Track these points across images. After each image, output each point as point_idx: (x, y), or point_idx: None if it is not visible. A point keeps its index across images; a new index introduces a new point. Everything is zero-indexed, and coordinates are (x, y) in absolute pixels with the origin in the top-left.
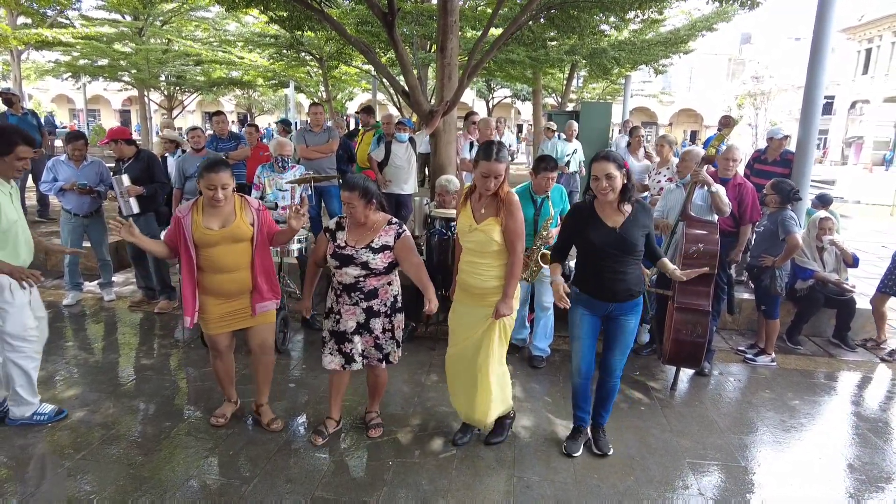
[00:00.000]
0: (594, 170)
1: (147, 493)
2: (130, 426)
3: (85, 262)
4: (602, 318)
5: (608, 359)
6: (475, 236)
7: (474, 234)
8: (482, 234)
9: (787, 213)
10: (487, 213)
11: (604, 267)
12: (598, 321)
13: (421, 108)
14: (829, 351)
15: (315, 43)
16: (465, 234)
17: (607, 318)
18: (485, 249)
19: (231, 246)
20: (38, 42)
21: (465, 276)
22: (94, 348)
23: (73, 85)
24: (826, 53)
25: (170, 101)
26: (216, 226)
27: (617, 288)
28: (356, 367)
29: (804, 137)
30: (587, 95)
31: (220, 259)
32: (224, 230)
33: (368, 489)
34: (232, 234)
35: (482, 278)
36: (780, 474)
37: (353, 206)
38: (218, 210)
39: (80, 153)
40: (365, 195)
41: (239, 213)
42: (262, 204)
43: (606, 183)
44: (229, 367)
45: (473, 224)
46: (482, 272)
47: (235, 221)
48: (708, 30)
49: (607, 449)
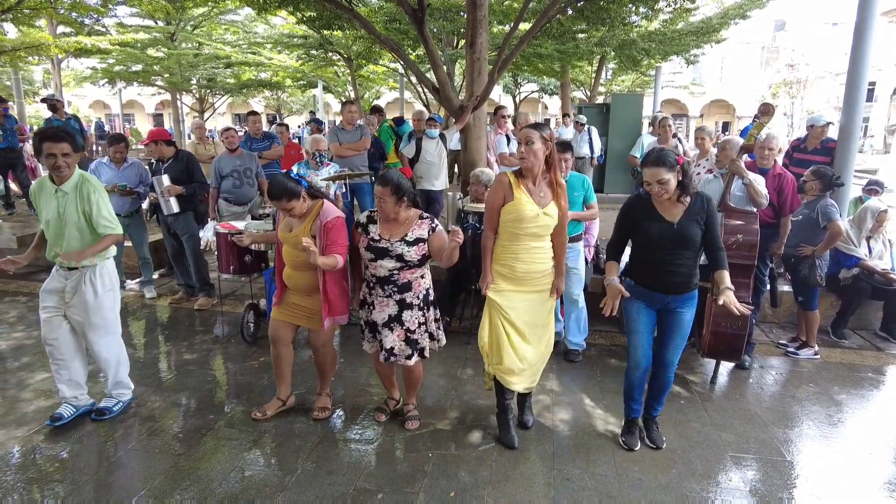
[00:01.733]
0: (645, 175)
1: (193, 483)
2: (175, 419)
3: (125, 261)
4: (658, 312)
5: (664, 352)
6: (542, 220)
7: (540, 218)
8: (549, 217)
9: (828, 201)
10: (546, 197)
11: (660, 260)
12: (655, 314)
13: (451, 104)
14: (876, 344)
15: (343, 42)
16: (529, 220)
17: (663, 311)
18: (546, 232)
19: (295, 250)
20: (77, 50)
21: (521, 263)
22: (137, 344)
23: (109, 91)
24: (870, 37)
25: (201, 104)
26: (288, 229)
27: (673, 281)
28: (393, 361)
29: (847, 125)
30: (616, 88)
31: (288, 258)
32: (290, 234)
33: (409, 480)
34: (293, 240)
35: (541, 261)
36: (827, 469)
37: (385, 201)
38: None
39: (121, 155)
40: (397, 192)
41: (307, 222)
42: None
43: (659, 188)
44: (286, 358)
45: (539, 210)
46: (540, 255)
47: (298, 231)
48: (741, 17)
49: (661, 441)
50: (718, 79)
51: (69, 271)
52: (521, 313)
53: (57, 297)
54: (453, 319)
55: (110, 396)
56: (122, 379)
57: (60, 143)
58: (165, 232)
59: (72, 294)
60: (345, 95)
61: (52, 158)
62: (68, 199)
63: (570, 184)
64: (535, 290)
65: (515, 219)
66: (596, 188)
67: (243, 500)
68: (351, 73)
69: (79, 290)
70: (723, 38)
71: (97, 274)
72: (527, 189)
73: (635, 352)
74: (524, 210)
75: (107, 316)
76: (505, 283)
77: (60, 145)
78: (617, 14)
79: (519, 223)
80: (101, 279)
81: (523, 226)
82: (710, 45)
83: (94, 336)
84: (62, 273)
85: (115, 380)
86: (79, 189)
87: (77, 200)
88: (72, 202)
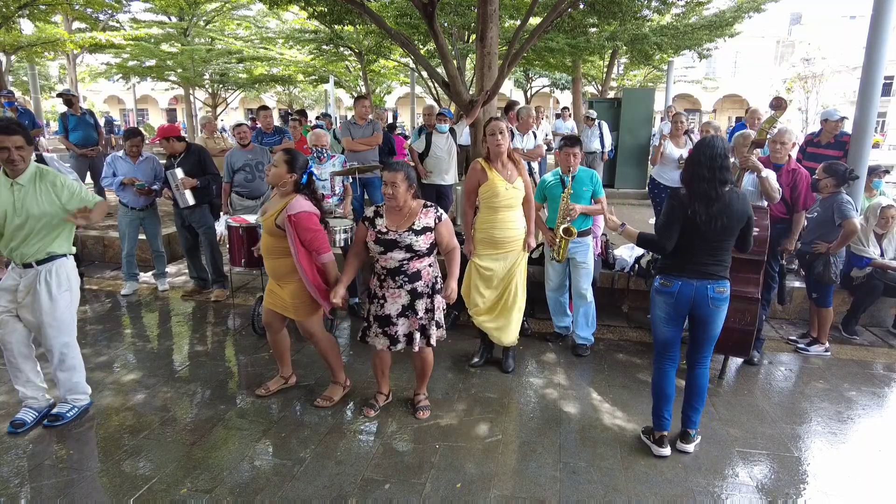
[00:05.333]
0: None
1: (204, 472)
2: (187, 409)
3: (139, 254)
4: (687, 309)
5: (692, 351)
6: (512, 193)
7: (510, 191)
8: (516, 189)
9: (843, 197)
10: (513, 174)
11: (692, 254)
12: (684, 312)
13: (461, 98)
14: (888, 341)
15: (354, 37)
16: (502, 194)
17: (692, 308)
18: (516, 203)
19: (266, 235)
20: (92, 45)
21: (497, 231)
22: (150, 336)
23: (123, 86)
24: (887, 30)
25: (214, 99)
26: (266, 213)
27: (703, 276)
28: (399, 348)
29: (862, 119)
30: (628, 83)
31: (263, 243)
32: (264, 218)
33: (416, 471)
34: (265, 225)
35: (514, 227)
36: (836, 466)
37: (397, 186)
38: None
39: (137, 149)
40: (408, 178)
41: (278, 210)
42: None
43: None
44: (280, 342)
45: (508, 185)
46: (513, 222)
47: (269, 215)
48: (755, 10)
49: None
50: (732, 73)
51: (25, 269)
52: (495, 272)
53: (10, 295)
54: (462, 313)
55: (65, 402)
56: (77, 383)
57: (13, 135)
58: (179, 225)
59: (25, 293)
60: (356, 90)
61: (4, 152)
62: (26, 191)
63: (578, 179)
64: (509, 251)
65: (492, 195)
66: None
67: (252, 489)
68: (362, 68)
69: (33, 289)
70: (736, 32)
71: (53, 273)
72: (497, 170)
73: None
74: (498, 187)
75: (61, 317)
76: (485, 249)
77: (13, 138)
78: (629, 8)
79: (495, 198)
80: (58, 278)
81: (498, 199)
82: (723, 39)
83: (50, 337)
84: (17, 270)
85: (69, 385)
86: (39, 181)
87: (39, 192)
88: (31, 195)
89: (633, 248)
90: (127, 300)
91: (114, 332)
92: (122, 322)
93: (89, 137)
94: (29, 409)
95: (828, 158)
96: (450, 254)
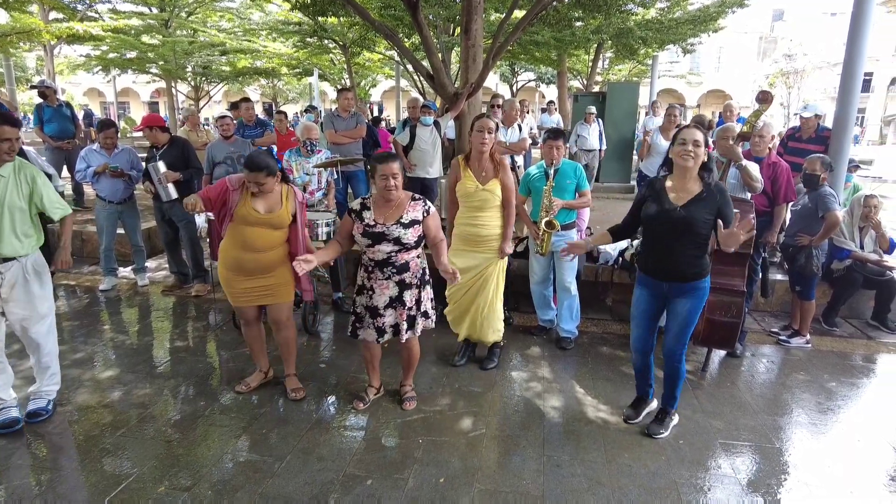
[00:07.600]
0: (683, 134)
1: (183, 469)
2: (166, 406)
3: (119, 249)
4: (661, 300)
5: (664, 342)
6: (481, 195)
7: (480, 193)
8: (488, 192)
9: (827, 190)
10: (489, 175)
11: (660, 245)
12: (656, 302)
13: (446, 91)
14: (867, 333)
15: (338, 30)
16: (471, 195)
17: (665, 300)
18: (487, 206)
19: (268, 231)
20: (70, 36)
21: (469, 228)
22: (129, 331)
23: (103, 78)
24: (867, 25)
25: (196, 92)
26: (262, 209)
27: (671, 268)
28: (385, 339)
29: (842, 114)
30: (613, 77)
31: (254, 240)
32: (270, 215)
33: (399, 466)
34: (272, 220)
35: (487, 228)
36: (816, 456)
37: (397, 176)
38: (266, 195)
39: (111, 141)
40: (402, 168)
41: (285, 202)
42: (304, 197)
43: (693, 148)
44: (258, 336)
45: (479, 186)
46: (486, 223)
47: (281, 210)
48: (739, 6)
49: (656, 432)
50: (716, 69)
51: (4, 263)
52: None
53: None
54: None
55: (40, 397)
56: (55, 373)
57: (18, 128)
58: (159, 219)
59: (9, 288)
60: (341, 83)
61: (6, 143)
62: (7, 182)
63: (561, 171)
64: (483, 250)
65: (463, 194)
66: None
67: (232, 487)
68: (346, 61)
69: (18, 282)
70: (720, 27)
71: (31, 264)
72: (472, 169)
73: (632, 337)
74: (468, 187)
75: (51, 305)
76: (461, 244)
77: (16, 130)
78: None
79: (465, 197)
80: (38, 267)
81: (468, 199)
82: (707, 34)
83: (39, 328)
84: None
85: (50, 373)
86: (18, 172)
87: (18, 184)
88: (12, 185)
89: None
90: (105, 296)
91: (91, 329)
92: (101, 318)
93: (65, 130)
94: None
95: (809, 153)
96: (436, 246)
